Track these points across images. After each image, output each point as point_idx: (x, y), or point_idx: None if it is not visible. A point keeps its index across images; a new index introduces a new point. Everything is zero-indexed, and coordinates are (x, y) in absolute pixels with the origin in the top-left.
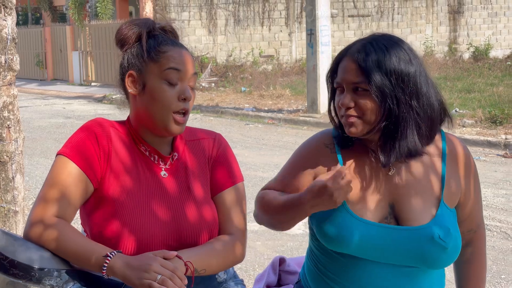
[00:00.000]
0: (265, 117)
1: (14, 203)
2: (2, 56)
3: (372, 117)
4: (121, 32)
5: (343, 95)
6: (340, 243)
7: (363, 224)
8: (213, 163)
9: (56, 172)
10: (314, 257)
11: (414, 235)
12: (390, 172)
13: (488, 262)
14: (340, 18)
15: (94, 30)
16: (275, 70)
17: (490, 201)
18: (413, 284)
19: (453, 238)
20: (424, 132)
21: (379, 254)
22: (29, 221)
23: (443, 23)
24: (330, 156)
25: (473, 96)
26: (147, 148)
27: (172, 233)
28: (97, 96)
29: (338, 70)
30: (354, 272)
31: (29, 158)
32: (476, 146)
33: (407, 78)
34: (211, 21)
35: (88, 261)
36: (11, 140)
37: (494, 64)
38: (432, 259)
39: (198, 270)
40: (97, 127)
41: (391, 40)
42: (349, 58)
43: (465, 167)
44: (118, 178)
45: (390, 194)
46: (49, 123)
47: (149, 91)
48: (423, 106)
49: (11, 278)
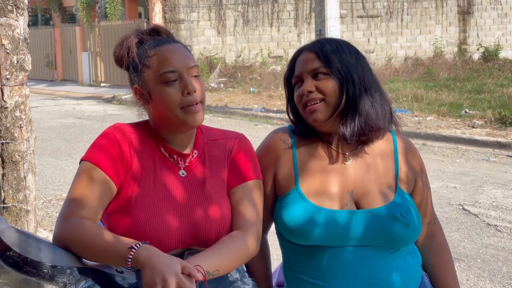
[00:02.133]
0: (274, 118)
1: (26, 202)
2: (15, 56)
3: (334, 98)
4: (114, 53)
5: (303, 83)
6: (305, 235)
7: (324, 212)
8: (232, 159)
9: (80, 178)
10: (283, 255)
11: (375, 215)
12: (347, 162)
13: (498, 263)
14: (349, 19)
15: (104, 30)
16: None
17: (500, 202)
18: (380, 264)
19: (413, 215)
20: (380, 113)
21: (343, 238)
22: (57, 224)
23: (453, 23)
24: (287, 151)
25: (483, 97)
26: (166, 149)
27: (188, 231)
28: (106, 97)
29: (295, 68)
30: (320, 261)
31: (39, 158)
32: (486, 147)
33: (360, 66)
34: (220, 22)
35: (117, 254)
36: (23, 139)
37: (504, 64)
38: (396, 236)
39: (210, 272)
40: (118, 132)
41: (342, 40)
42: (306, 51)
43: (414, 160)
44: (138, 180)
45: (348, 182)
46: (59, 123)
47: (155, 97)
48: (375, 90)
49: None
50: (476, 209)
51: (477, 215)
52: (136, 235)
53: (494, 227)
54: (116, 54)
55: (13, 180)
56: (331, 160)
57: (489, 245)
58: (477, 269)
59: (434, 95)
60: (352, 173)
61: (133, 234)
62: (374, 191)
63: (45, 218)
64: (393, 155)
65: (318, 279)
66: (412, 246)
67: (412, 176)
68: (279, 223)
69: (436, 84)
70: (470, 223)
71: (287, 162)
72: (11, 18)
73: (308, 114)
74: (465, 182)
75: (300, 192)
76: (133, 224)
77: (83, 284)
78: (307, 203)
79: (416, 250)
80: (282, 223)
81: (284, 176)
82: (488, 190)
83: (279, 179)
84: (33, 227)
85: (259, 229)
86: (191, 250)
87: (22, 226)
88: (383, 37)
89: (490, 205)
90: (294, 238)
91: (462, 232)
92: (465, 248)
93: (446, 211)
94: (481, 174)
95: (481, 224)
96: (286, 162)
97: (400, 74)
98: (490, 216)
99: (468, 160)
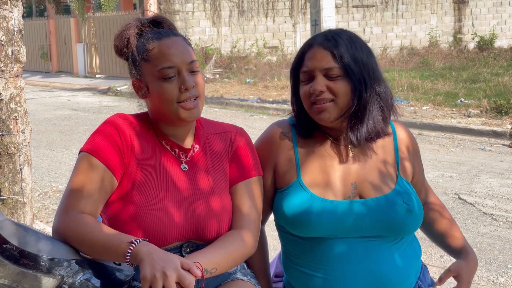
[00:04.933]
0: (270, 108)
1: (22, 194)
2: (9, 48)
3: (345, 100)
4: (114, 43)
5: (314, 81)
6: (307, 226)
7: (327, 203)
8: (233, 155)
9: (81, 169)
10: (283, 248)
11: (379, 204)
12: (349, 154)
13: (494, 252)
14: (345, 9)
15: (98, 22)
16: (279, 61)
17: (496, 191)
18: (380, 255)
19: (415, 202)
20: (386, 114)
21: (346, 229)
22: (56, 217)
23: (448, 13)
24: (288, 144)
25: (478, 86)
26: (168, 142)
27: (189, 225)
28: (101, 88)
29: (304, 60)
30: (321, 253)
31: (35, 150)
32: (481, 136)
33: (370, 65)
34: (215, 12)
35: (116, 249)
36: (18, 131)
37: (499, 54)
38: (399, 223)
39: (208, 270)
40: (119, 122)
41: (351, 34)
42: (318, 46)
43: (412, 148)
44: (139, 172)
45: (351, 175)
46: (54, 115)
47: (153, 92)
48: (384, 91)
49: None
50: (472, 198)
51: (473, 204)
52: (138, 226)
53: (490, 216)
54: (116, 45)
55: (9, 173)
56: (334, 152)
57: (485, 234)
58: None
59: (429, 85)
60: (354, 165)
61: (135, 224)
62: (376, 181)
63: (42, 210)
64: (393, 144)
65: (319, 271)
66: (413, 237)
67: (411, 165)
68: (280, 215)
69: (431, 74)
70: (466, 212)
71: (288, 155)
72: (5, 9)
73: (315, 112)
74: (461, 171)
75: (303, 184)
76: (135, 213)
77: (81, 276)
78: (309, 194)
79: (416, 241)
80: (284, 215)
81: (285, 169)
82: (484, 179)
83: (279, 171)
84: (29, 219)
85: (258, 227)
86: (190, 243)
87: (18, 218)
88: (379, 27)
89: (486, 194)
90: (295, 230)
91: (458, 221)
92: None
93: (442, 200)
94: (477, 163)
95: (477, 213)
96: (287, 155)
97: (396, 64)
98: (486, 205)
99: (464, 149)
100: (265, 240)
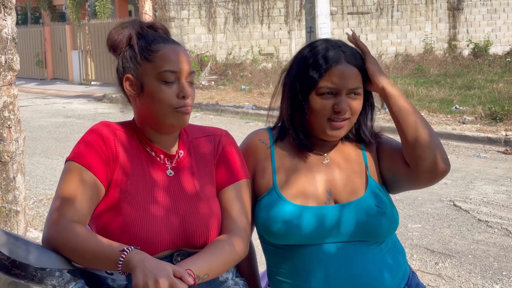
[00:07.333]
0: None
1: (15, 203)
2: (2, 56)
3: (356, 117)
4: (111, 38)
5: (340, 99)
6: (290, 235)
7: (304, 210)
8: (219, 157)
9: (68, 178)
10: (266, 260)
11: (353, 209)
12: (324, 161)
13: (489, 259)
14: (340, 16)
15: (94, 29)
16: (274, 68)
17: (491, 197)
18: (361, 259)
19: (388, 205)
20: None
21: (322, 235)
22: (46, 227)
23: (443, 20)
24: (265, 151)
25: (473, 93)
26: (152, 148)
27: (179, 233)
28: (97, 95)
29: (329, 75)
30: (300, 261)
31: (30, 157)
32: (476, 142)
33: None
34: (210, 19)
35: (108, 258)
36: (11, 140)
37: (494, 60)
38: (373, 226)
39: (200, 276)
40: (103, 130)
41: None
42: (346, 64)
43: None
44: (125, 179)
45: (326, 181)
46: (49, 122)
47: (148, 92)
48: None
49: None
50: (467, 205)
51: (468, 211)
52: (128, 236)
53: (485, 223)
54: (113, 39)
55: (2, 181)
56: (309, 161)
57: (480, 241)
58: (468, 265)
59: (424, 91)
60: (329, 172)
61: (125, 234)
62: (350, 186)
63: (36, 218)
64: (360, 149)
65: (299, 279)
66: (394, 242)
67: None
68: (259, 224)
69: (426, 80)
70: (461, 219)
71: (265, 163)
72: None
73: (330, 127)
74: (456, 178)
75: (278, 192)
76: (123, 224)
77: (73, 286)
78: (285, 202)
79: (399, 246)
80: (261, 223)
81: (262, 177)
82: (479, 186)
83: (257, 179)
84: (22, 227)
85: (248, 231)
86: (181, 252)
87: (11, 227)
88: (374, 34)
89: (481, 201)
90: (272, 238)
91: (453, 228)
92: (456, 244)
93: (437, 207)
94: (472, 170)
95: (472, 220)
96: (264, 163)
97: (391, 71)
98: (481, 212)
99: (458, 156)
100: (252, 248)
